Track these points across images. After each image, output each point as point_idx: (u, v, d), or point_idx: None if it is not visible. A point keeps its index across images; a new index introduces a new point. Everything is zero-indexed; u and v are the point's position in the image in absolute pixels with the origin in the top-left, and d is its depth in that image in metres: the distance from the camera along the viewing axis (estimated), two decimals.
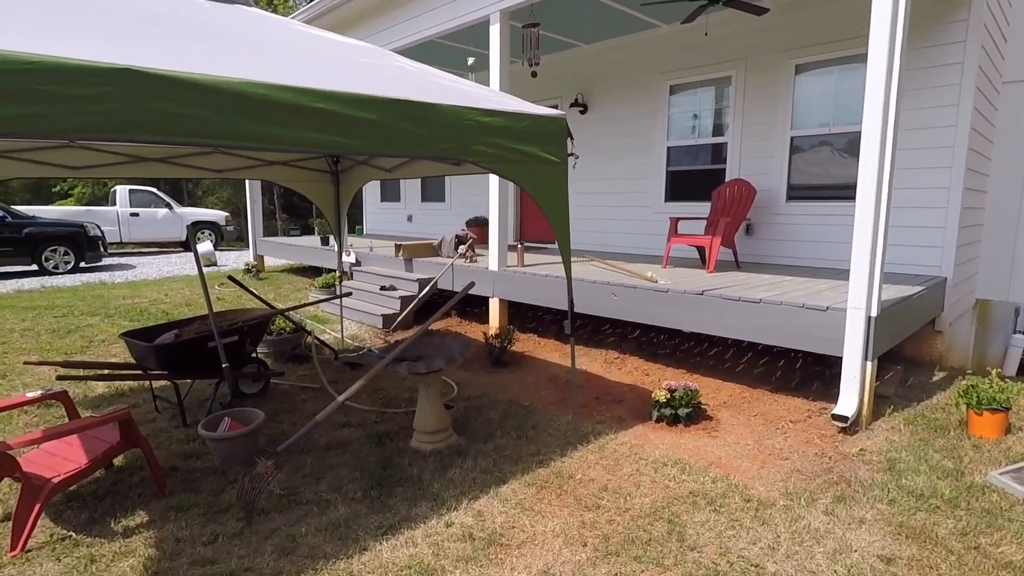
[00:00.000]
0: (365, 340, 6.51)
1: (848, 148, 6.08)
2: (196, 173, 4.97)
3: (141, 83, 1.79)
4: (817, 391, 4.65)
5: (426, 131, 2.58)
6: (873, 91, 3.65)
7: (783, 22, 6.43)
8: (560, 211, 3.31)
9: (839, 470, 3.38)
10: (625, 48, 7.97)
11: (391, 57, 3.38)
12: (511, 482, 3.20)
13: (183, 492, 3.08)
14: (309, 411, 4.27)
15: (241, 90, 2.04)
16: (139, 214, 14.38)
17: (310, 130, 2.26)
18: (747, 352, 5.68)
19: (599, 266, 6.37)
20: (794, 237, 6.58)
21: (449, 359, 3.47)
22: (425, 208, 11.88)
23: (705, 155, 7.43)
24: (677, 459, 3.50)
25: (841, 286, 4.80)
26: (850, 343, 3.86)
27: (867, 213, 3.75)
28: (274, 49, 2.70)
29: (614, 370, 5.42)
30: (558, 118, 3.21)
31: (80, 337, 6.18)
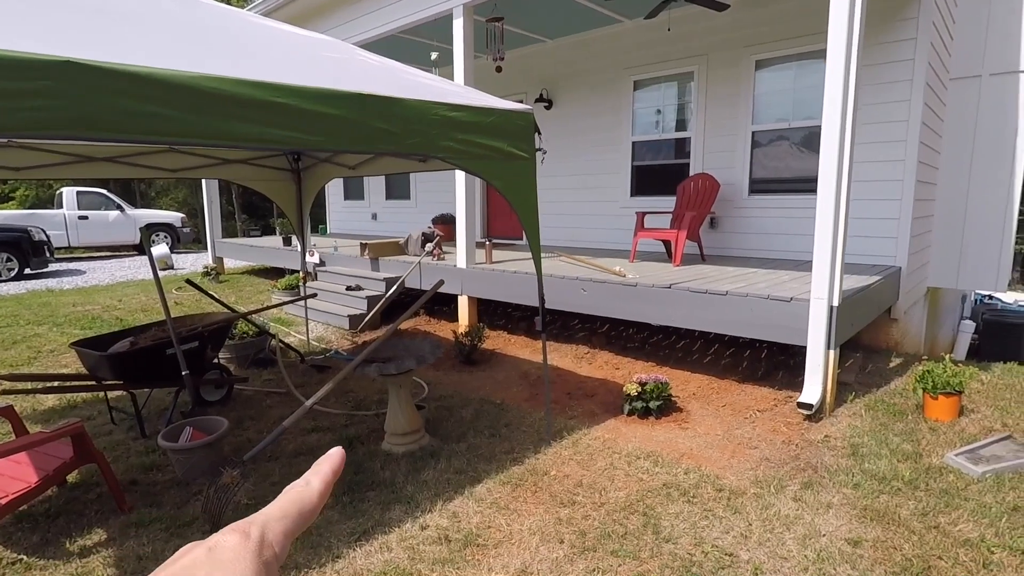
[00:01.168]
0: (332, 342, 6.37)
1: (807, 142, 6.23)
2: (149, 173, 4.77)
3: (84, 77, 1.69)
4: (783, 380, 4.76)
5: (392, 127, 2.52)
6: (832, 86, 3.73)
7: (743, 19, 6.54)
8: (529, 207, 3.28)
9: (806, 457, 3.46)
10: (589, 43, 7.99)
11: (354, 51, 3.29)
12: (486, 481, 3.17)
13: (144, 507, 2.95)
14: (275, 417, 4.15)
15: (195, 84, 1.94)
16: (88, 217, 13.76)
17: (270, 126, 2.18)
18: (714, 344, 5.77)
19: (568, 261, 6.38)
20: (757, 230, 6.71)
21: (420, 359, 3.42)
22: (390, 206, 11.71)
23: (669, 150, 7.52)
24: (650, 452, 3.53)
25: (804, 277, 4.92)
26: (813, 332, 3.95)
27: (828, 205, 3.84)
28: (230, 42, 2.59)
29: (585, 365, 5.44)
30: (526, 113, 3.19)
31: (27, 348, 5.88)
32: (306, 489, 0.35)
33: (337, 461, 0.38)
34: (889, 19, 5.57)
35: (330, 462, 0.38)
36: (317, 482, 0.36)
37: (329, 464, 0.38)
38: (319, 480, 0.36)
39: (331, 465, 0.38)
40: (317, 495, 0.35)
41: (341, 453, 0.39)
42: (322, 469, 0.37)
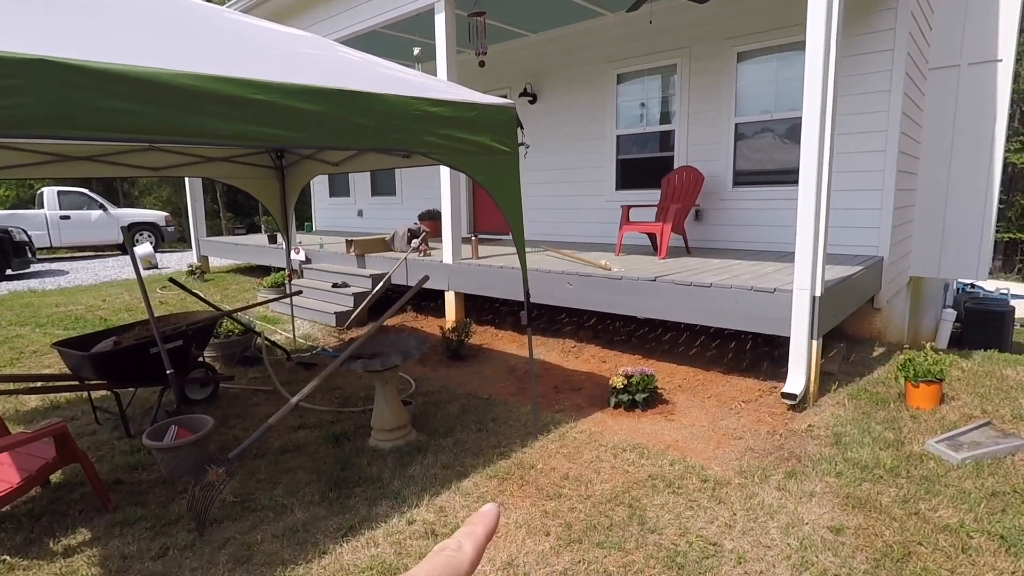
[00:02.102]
0: (318, 339, 6.35)
1: (790, 134, 6.28)
2: (130, 172, 4.71)
3: (59, 75, 1.67)
4: (767, 371, 4.81)
5: (374, 122, 2.51)
6: (811, 78, 3.76)
7: (725, 11, 6.56)
8: (513, 202, 3.29)
9: (789, 446, 3.51)
10: (572, 37, 7.98)
11: (334, 47, 3.27)
12: (472, 476, 3.18)
13: (129, 506, 2.93)
14: (261, 414, 4.13)
15: (172, 81, 1.92)
16: (70, 216, 13.57)
17: (250, 123, 2.16)
18: (700, 336, 5.82)
19: (554, 256, 6.39)
20: (741, 222, 6.76)
21: (406, 355, 3.42)
22: (376, 202, 11.66)
23: (654, 143, 7.54)
24: (636, 444, 3.56)
25: (787, 268, 4.97)
26: (796, 323, 3.99)
27: (809, 197, 3.88)
28: (209, 38, 2.56)
29: (572, 359, 5.47)
30: (507, 107, 3.19)
31: (9, 349, 5.80)
32: (458, 555, 0.32)
33: (492, 522, 0.35)
34: (868, 9, 5.61)
35: (484, 524, 0.35)
36: (470, 547, 0.33)
37: (484, 527, 0.34)
38: (472, 545, 0.33)
39: (486, 528, 0.34)
40: (469, 562, 0.32)
41: (497, 512, 0.36)
42: (476, 532, 0.34)
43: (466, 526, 0.35)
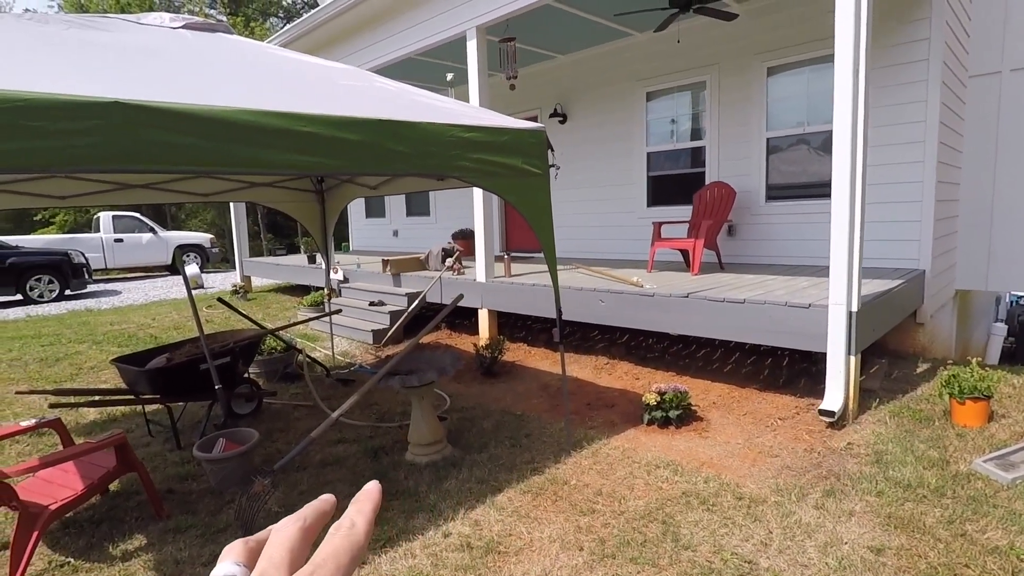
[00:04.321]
0: (356, 356, 6.52)
1: (824, 146, 6.22)
2: (182, 198, 4.99)
3: (130, 115, 1.83)
4: (804, 388, 4.74)
5: (410, 149, 2.64)
6: (842, 91, 3.76)
7: (753, 27, 6.58)
8: (544, 221, 3.37)
9: (828, 464, 3.45)
10: (601, 57, 8.10)
11: (371, 78, 3.44)
12: (507, 490, 3.23)
13: (180, 514, 3.08)
14: (303, 429, 4.28)
15: (229, 117, 2.08)
16: (123, 240, 14.27)
17: (296, 153, 2.31)
18: (734, 352, 5.76)
19: (585, 273, 6.44)
20: (775, 236, 6.70)
21: (441, 371, 3.51)
22: (410, 222, 11.92)
23: (685, 159, 7.56)
24: (669, 461, 3.56)
25: (822, 283, 4.91)
26: (833, 339, 3.94)
27: (842, 210, 3.85)
28: (258, 75, 2.75)
29: (604, 375, 5.48)
30: (538, 131, 3.29)
31: (69, 365, 6.14)
32: (353, 533, 0.35)
33: (377, 499, 0.38)
34: (900, 21, 5.56)
35: (372, 501, 0.38)
36: (363, 524, 0.36)
37: (371, 503, 0.38)
38: (364, 521, 0.36)
39: (373, 504, 0.38)
40: (364, 537, 0.35)
41: (379, 488, 0.39)
42: (365, 509, 0.37)
43: (355, 504, 0.37)
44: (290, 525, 0.36)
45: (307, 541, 0.36)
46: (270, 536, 0.35)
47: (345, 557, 0.33)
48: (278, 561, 0.33)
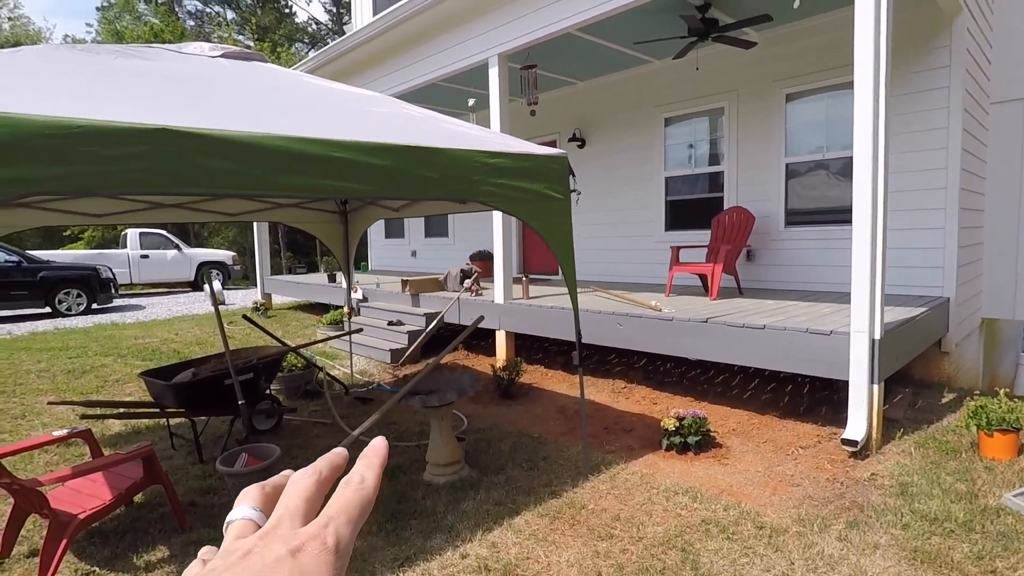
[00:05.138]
0: (374, 375, 6.57)
1: (843, 172, 6.22)
2: (211, 217, 5.13)
3: (175, 141, 1.93)
4: (826, 416, 4.68)
5: (436, 174, 2.71)
6: (861, 118, 3.79)
7: (771, 54, 6.65)
8: (565, 245, 3.42)
9: (851, 495, 3.40)
10: (620, 83, 8.22)
11: (398, 104, 3.54)
12: (524, 513, 3.23)
13: (202, 527, 3.13)
14: (322, 446, 4.32)
15: (265, 143, 2.17)
16: (149, 256, 14.61)
17: (325, 178, 2.39)
18: (754, 378, 5.71)
19: (603, 296, 6.46)
20: (795, 262, 6.67)
21: (461, 392, 3.54)
22: (429, 243, 12.05)
23: (703, 184, 7.59)
24: (688, 487, 3.53)
25: (844, 309, 4.87)
26: (855, 366, 3.91)
27: (864, 236, 3.84)
28: (292, 102, 2.86)
29: (622, 400, 5.46)
30: (560, 157, 3.35)
31: (95, 377, 6.27)
32: (363, 487, 0.37)
33: (384, 453, 0.40)
34: (920, 48, 5.59)
35: (379, 456, 0.39)
36: (372, 478, 0.38)
37: (379, 458, 0.39)
38: (373, 476, 0.38)
39: (380, 459, 0.39)
40: (373, 491, 0.37)
41: (385, 443, 0.40)
42: (373, 463, 0.39)
43: (362, 459, 0.39)
44: (306, 477, 0.38)
45: (321, 493, 0.38)
46: (287, 486, 0.38)
47: (356, 510, 0.36)
48: (294, 510, 0.36)
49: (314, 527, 0.34)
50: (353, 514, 0.36)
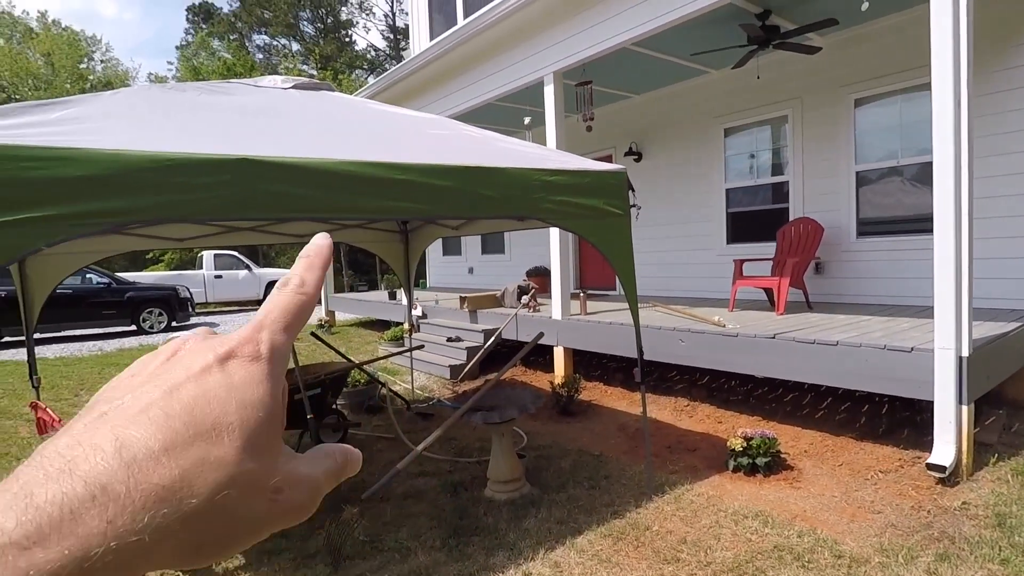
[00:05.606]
0: (434, 390, 6.66)
1: (920, 178, 5.89)
2: (279, 239, 5.38)
3: (254, 170, 2.05)
4: (908, 438, 4.39)
5: (497, 193, 2.75)
6: (940, 122, 3.58)
7: (837, 59, 6.41)
8: (625, 261, 3.39)
9: (940, 525, 3.17)
10: (677, 96, 8.11)
11: (457, 126, 3.63)
12: (587, 533, 3.18)
13: (275, 536, 3.23)
14: (385, 460, 4.40)
15: (335, 168, 2.27)
16: (222, 276, 15.45)
17: (390, 199, 2.47)
18: (826, 397, 5.43)
19: (664, 311, 6.33)
20: (868, 274, 6.35)
21: (521, 409, 3.54)
22: (486, 260, 12.19)
23: (766, 195, 7.36)
24: (758, 511, 3.38)
25: (925, 324, 4.58)
26: (940, 386, 3.66)
27: (947, 246, 3.61)
28: (358, 128, 2.98)
29: (685, 418, 5.31)
30: (619, 172, 3.34)
31: None
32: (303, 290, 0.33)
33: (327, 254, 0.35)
34: (1002, 46, 5.25)
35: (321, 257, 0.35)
36: (312, 281, 0.33)
37: (321, 259, 0.35)
38: (314, 279, 0.34)
39: (323, 260, 0.35)
40: (313, 295, 0.33)
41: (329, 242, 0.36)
42: (315, 264, 0.34)
43: (302, 260, 0.34)
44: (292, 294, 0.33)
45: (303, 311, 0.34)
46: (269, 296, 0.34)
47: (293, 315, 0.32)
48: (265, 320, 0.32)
49: (247, 331, 0.31)
50: (290, 320, 0.32)
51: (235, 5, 33.90)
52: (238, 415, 0.28)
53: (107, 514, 0.23)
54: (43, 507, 0.22)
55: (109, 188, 1.78)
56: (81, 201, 1.77)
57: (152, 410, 0.27)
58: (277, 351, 0.31)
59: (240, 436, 0.28)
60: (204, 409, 0.27)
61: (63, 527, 0.22)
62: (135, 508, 0.24)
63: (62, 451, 0.24)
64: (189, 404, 0.27)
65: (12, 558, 0.21)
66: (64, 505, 0.23)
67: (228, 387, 0.28)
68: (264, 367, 0.30)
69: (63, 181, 1.74)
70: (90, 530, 0.23)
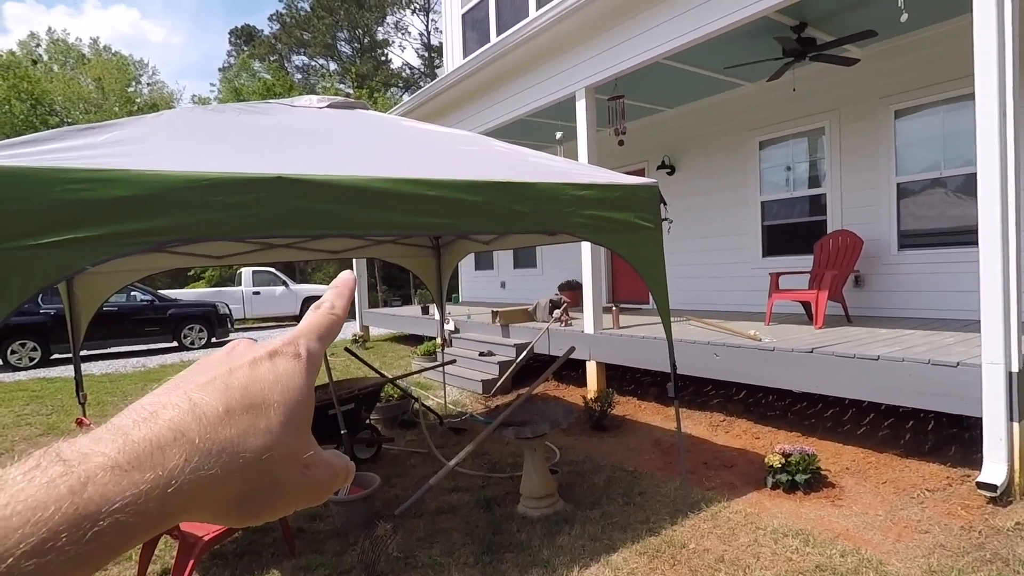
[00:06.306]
0: (466, 405, 6.69)
1: (965, 189, 5.70)
2: (316, 255, 5.51)
3: (290, 188, 2.12)
4: (956, 456, 4.21)
5: (528, 208, 2.78)
6: (985, 132, 3.48)
7: (876, 70, 6.29)
8: (657, 274, 3.37)
9: (992, 546, 3.03)
10: (710, 109, 8.06)
11: (489, 142, 3.68)
12: (621, 550, 3.13)
13: (310, 553, 3.28)
14: (419, 475, 4.43)
15: (367, 185, 2.33)
16: (260, 292, 15.86)
17: (422, 215, 2.52)
18: (868, 412, 5.26)
19: (698, 325, 6.24)
20: (910, 287, 6.15)
21: (554, 423, 3.53)
22: (518, 274, 12.23)
23: (803, 207, 7.22)
24: (798, 529, 3.29)
25: (971, 339, 4.41)
26: (989, 402, 3.51)
27: (994, 258, 3.49)
28: (391, 145, 3.05)
29: (721, 433, 5.21)
30: (651, 186, 3.33)
31: None
32: (333, 312, 0.40)
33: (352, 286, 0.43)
34: None
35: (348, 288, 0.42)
36: (341, 305, 0.41)
37: (348, 289, 0.42)
38: (342, 304, 0.41)
39: (349, 290, 0.42)
40: (341, 317, 0.40)
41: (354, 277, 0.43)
42: (343, 293, 0.41)
43: (333, 289, 0.42)
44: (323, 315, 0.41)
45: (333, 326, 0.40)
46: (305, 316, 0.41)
47: (325, 329, 0.39)
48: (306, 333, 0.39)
49: (288, 337, 0.37)
50: (323, 333, 0.39)
51: (275, 27, 35.19)
52: (282, 396, 0.34)
53: (185, 452, 0.29)
54: (138, 442, 0.28)
55: (150, 207, 1.87)
56: (124, 221, 1.86)
57: (216, 382, 0.33)
58: (312, 354, 0.37)
59: (283, 413, 0.34)
60: (256, 387, 0.34)
61: (153, 457, 0.28)
62: (204, 451, 0.30)
63: (146, 405, 0.31)
64: (244, 382, 0.34)
65: (117, 476, 0.27)
66: (153, 442, 0.29)
67: (274, 374, 0.35)
68: (303, 364, 0.36)
69: (107, 202, 1.83)
70: (173, 463, 0.29)
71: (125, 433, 0.29)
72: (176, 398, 0.31)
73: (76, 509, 0.25)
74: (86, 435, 0.29)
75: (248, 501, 0.32)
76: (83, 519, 0.25)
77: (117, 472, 0.27)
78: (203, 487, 0.29)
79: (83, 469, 0.27)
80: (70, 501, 0.25)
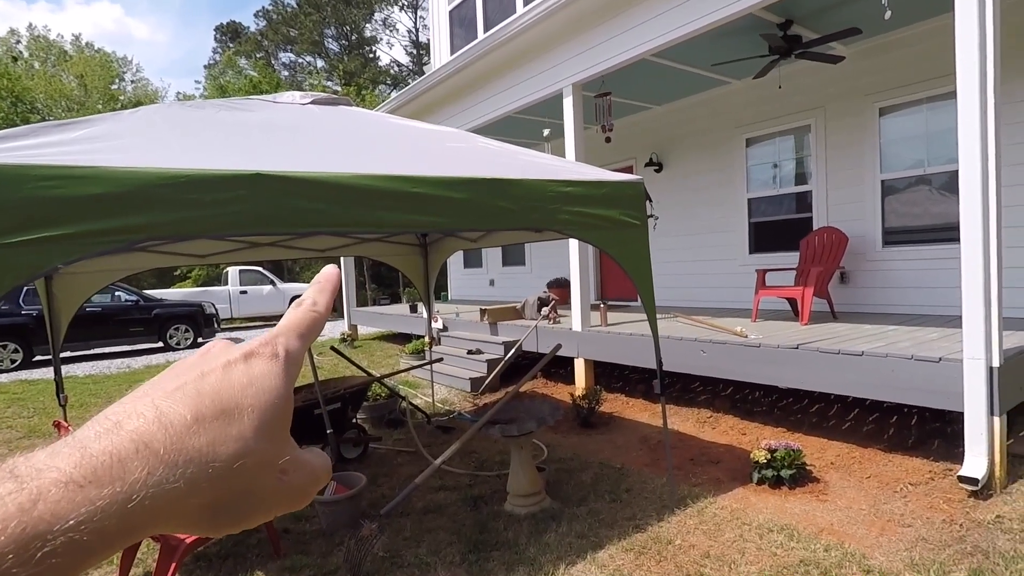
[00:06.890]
0: (455, 404, 6.67)
1: (948, 187, 5.77)
2: (302, 254, 5.46)
3: (270, 184, 2.09)
4: (938, 450, 4.26)
5: (513, 205, 2.77)
6: (966, 130, 3.51)
7: (861, 68, 6.34)
8: (643, 271, 3.37)
9: (973, 539, 3.06)
10: (697, 106, 8.09)
11: (474, 139, 3.66)
12: (608, 547, 3.14)
13: (295, 554, 3.26)
14: (406, 474, 4.41)
15: (350, 182, 2.31)
16: (247, 291, 15.72)
17: (411, 212, 2.50)
18: (853, 408, 5.31)
19: (685, 322, 6.27)
20: (894, 284, 6.22)
21: (540, 421, 3.52)
22: (506, 272, 12.21)
23: (789, 204, 7.27)
24: (783, 524, 3.31)
25: (953, 334, 4.47)
26: (971, 397, 3.56)
27: (975, 255, 3.53)
28: (376, 142, 3.03)
29: (708, 429, 5.23)
30: (636, 183, 3.33)
31: None
32: (315, 309, 0.38)
33: (336, 281, 0.41)
34: None
35: (331, 283, 0.41)
36: (323, 302, 0.39)
37: (331, 284, 0.40)
38: (324, 300, 0.39)
39: (332, 285, 0.40)
40: (324, 313, 0.39)
41: (337, 272, 0.41)
42: (326, 288, 0.40)
43: (315, 285, 0.40)
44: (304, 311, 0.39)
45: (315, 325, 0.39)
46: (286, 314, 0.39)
47: (306, 327, 0.37)
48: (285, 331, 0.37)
49: (267, 336, 0.36)
50: (304, 331, 0.37)
51: (262, 24, 34.86)
52: (255, 400, 0.32)
53: (148, 465, 0.28)
54: (97, 455, 0.27)
55: (125, 205, 1.83)
56: (97, 219, 1.82)
57: (186, 388, 0.32)
58: (291, 354, 0.35)
59: (257, 418, 0.32)
60: (228, 392, 0.32)
61: (112, 471, 0.27)
62: (169, 463, 0.28)
63: (110, 416, 0.29)
64: (216, 387, 0.32)
65: (71, 492, 0.26)
66: (113, 455, 0.27)
67: (248, 377, 0.33)
68: (280, 365, 0.34)
69: (80, 199, 1.79)
70: (134, 476, 0.27)
71: (84, 447, 0.27)
72: (142, 407, 0.30)
73: (24, 529, 0.24)
74: (44, 449, 0.27)
75: (222, 511, 0.31)
76: (32, 539, 0.24)
77: (71, 488, 0.26)
78: (169, 500, 0.28)
79: (35, 485, 0.25)
80: (18, 520, 0.24)
